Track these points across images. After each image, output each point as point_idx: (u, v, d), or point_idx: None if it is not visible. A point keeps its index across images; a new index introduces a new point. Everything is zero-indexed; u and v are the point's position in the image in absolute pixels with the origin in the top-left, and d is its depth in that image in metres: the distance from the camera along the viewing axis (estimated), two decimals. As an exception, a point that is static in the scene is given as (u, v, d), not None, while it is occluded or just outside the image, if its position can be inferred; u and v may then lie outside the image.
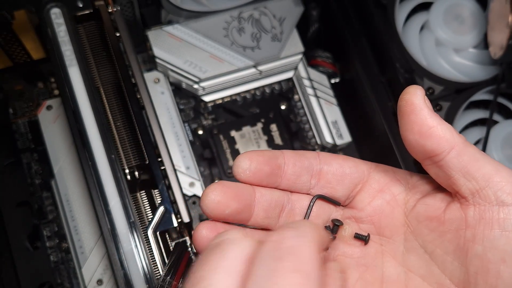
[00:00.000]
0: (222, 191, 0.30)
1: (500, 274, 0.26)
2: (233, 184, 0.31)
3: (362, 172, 0.33)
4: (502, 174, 0.27)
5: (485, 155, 0.28)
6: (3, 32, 0.56)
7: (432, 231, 0.30)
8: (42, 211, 0.58)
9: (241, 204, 0.30)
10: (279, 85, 0.66)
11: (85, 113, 0.52)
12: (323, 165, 0.32)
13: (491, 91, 0.55)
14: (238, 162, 0.31)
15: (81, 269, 0.54)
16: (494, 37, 0.55)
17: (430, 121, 0.28)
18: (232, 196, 0.30)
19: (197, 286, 0.23)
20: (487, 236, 0.27)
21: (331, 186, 0.32)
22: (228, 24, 0.63)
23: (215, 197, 0.29)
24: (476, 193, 0.27)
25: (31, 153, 0.61)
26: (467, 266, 0.27)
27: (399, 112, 0.29)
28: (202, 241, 0.30)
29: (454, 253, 0.28)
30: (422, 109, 0.28)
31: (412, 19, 0.60)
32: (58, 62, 0.53)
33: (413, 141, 0.28)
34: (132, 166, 0.53)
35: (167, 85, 0.62)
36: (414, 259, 0.31)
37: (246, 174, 0.31)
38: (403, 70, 0.57)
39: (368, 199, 0.32)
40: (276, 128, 0.64)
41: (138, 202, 0.53)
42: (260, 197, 0.31)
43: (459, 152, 0.28)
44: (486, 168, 0.27)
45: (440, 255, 0.29)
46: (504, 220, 0.26)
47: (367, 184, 0.33)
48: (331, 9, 0.64)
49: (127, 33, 0.56)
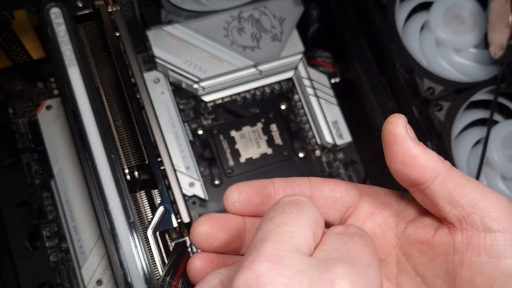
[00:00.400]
0: (210, 224, 0.30)
1: None
2: (221, 216, 0.31)
3: (353, 195, 0.33)
4: (488, 200, 0.27)
5: (471, 180, 0.28)
6: (3, 32, 0.56)
7: (423, 254, 0.30)
8: (42, 211, 0.58)
9: (230, 235, 0.31)
10: (279, 85, 0.66)
11: (85, 113, 0.52)
12: (314, 191, 0.32)
13: (491, 91, 0.55)
14: (227, 195, 0.31)
15: (81, 269, 0.54)
16: (494, 37, 0.55)
17: (413, 150, 0.28)
18: (221, 227, 0.31)
19: (279, 229, 0.24)
20: (474, 262, 0.27)
21: (323, 212, 0.32)
22: (228, 24, 0.63)
23: (203, 230, 0.30)
24: (463, 219, 0.27)
25: (31, 153, 0.61)
26: None
27: (383, 142, 0.29)
28: (196, 272, 0.31)
29: (444, 277, 0.28)
30: (405, 139, 0.28)
31: (412, 19, 0.60)
32: (58, 62, 0.53)
33: (398, 170, 0.29)
34: (132, 166, 0.53)
35: (167, 85, 0.62)
36: (406, 281, 0.31)
37: (236, 207, 0.31)
38: (403, 70, 0.57)
39: (359, 223, 0.32)
40: (276, 128, 0.64)
41: (138, 202, 0.53)
42: (251, 226, 0.32)
43: (443, 179, 0.28)
44: (472, 194, 0.27)
45: (430, 278, 0.29)
46: (491, 247, 0.26)
47: (358, 208, 0.33)
48: (331, 9, 0.64)
49: (127, 33, 0.56)
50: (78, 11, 0.55)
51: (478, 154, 0.53)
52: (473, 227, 0.27)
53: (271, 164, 0.62)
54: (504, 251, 0.26)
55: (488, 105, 0.56)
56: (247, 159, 0.62)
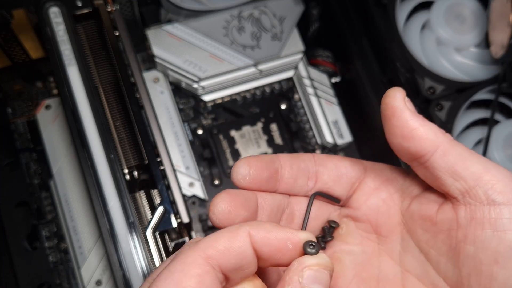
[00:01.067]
0: (231, 200, 0.29)
1: (494, 276, 0.25)
2: (239, 192, 0.30)
3: (358, 171, 0.32)
4: (492, 172, 0.27)
5: (474, 153, 0.28)
6: (2, 32, 0.56)
7: (426, 231, 0.29)
8: (41, 211, 0.58)
9: (249, 212, 0.30)
10: (279, 85, 0.65)
11: (84, 112, 0.51)
12: (319, 166, 0.32)
13: (492, 90, 0.55)
14: (237, 169, 0.30)
15: (80, 269, 0.54)
16: (495, 36, 0.55)
17: (411, 123, 0.27)
18: (241, 204, 0.29)
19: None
20: (478, 236, 0.26)
21: (329, 187, 0.32)
22: (228, 23, 0.63)
23: (226, 207, 0.28)
24: (466, 193, 0.27)
25: (30, 153, 0.60)
26: (460, 267, 0.27)
27: (382, 117, 0.29)
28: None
29: (447, 254, 0.28)
30: (403, 112, 0.28)
31: (413, 18, 0.60)
32: (57, 62, 0.52)
33: (397, 144, 0.28)
34: (132, 166, 0.53)
35: (167, 84, 0.62)
36: (410, 258, 0.30)
37: (246, 180, 0.30)
38: (404, 70, 0.57)
39: (364, 198, 0.32)
40: (276, 128, 0.64)
41: (137, 202, 0.53)
42: (263, 202, 0.31)
43: (444, 152, 0.27)
44: (474, 167, 0.27)
45: (434, 256, 0.29)
46: (496, 220, 0.26)
47: (363, 183, 0.32)
48: (331, 8, 0.64)
49: (126, 32, 0.56)
50: (77, 10, 0.55)
51: (479, 154, 0.53)
52: (476, 200, 0.26)
53: (271, 164, 0.62)
54: (509, 224, 0.25)
55: (489, 105, 0.55)
56: (247, 159, 0.62)
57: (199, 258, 0.24)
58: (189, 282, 0.23)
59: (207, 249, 0.24)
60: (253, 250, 0.25)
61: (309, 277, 0.24)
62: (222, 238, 0.25)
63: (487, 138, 0.53)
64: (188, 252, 0.24)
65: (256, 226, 0.25)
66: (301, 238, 0.25)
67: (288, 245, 0.25)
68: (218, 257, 0.24)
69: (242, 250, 0.25)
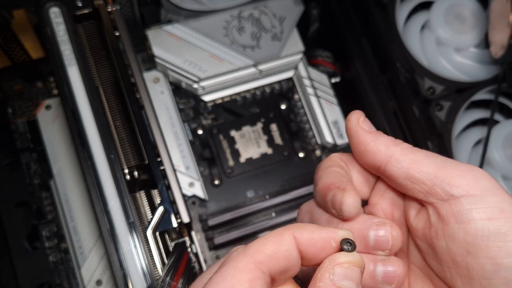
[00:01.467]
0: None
1: (470, 265, 0.27)
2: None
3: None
4: (446, 169, 0.28)
5: (431, 155, 0.29)
6: (2, 32, 0.56)
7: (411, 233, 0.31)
8: (41, 211, 0.58)
9: None
10: (279, 85, 0.65)
11: (84, 112, 0.51)
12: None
13: (492, 90, 0.55)
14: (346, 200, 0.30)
15: (80, 269, 0.54)
16: (495, 37, 0.55)
17: (364, 139, 0.30)
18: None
19: None
20: (446, 231, 0.27)
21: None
22: (228, 23, 0.63)
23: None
24: (427, 193, 0.28)
25: (30, 153, 0.60)
26: (440, 262, 0.28)
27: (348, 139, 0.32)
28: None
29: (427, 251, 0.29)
30: (358, 131, 0.31)
31: (413, 19, 0.60)
32: (57, 62, 0.52)
33: (360, 160, 0.31)
34: (132, 166, 0.53)
35: (167, 84, 0.62)
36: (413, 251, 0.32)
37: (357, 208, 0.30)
38: (403, 70, 0.57)
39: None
40: (276, 128, 0.64)
41: (138, 202, 0.53)
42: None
43: (397, 160, 0.29)
44: (429, 167, 0.28)
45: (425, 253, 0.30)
46: (458, 212, 0.27)
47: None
48: (331, 8, 0.64)
49: (127, 33, 0.56)
50: (77, 10, 0.55)
51: (479, 154, 0.53)
52: (438, 198, 0.28)
53: (271, 164, 0.62)
54: (471, 214, 0.27)
55: (489, 105, 0.56)
56: (247, 159, 0.62)
57: (250, 263, 0.25)
58: (241, 287, 0.24)
59: (256, 254, 0.25)
60: (298, 252, 0.26)
61: (339, 274, 0.25)
62: (269, 242, 0.26)
63: (487, 138, 0.53)
64: (239, 257, 0.25)
65: (299, 228, 0.26)
66: (340, 235, 0.27)
67: (332, 243, 0.26)
68: (267, 261, 0.25)
69: (289, 253, 0.26)
